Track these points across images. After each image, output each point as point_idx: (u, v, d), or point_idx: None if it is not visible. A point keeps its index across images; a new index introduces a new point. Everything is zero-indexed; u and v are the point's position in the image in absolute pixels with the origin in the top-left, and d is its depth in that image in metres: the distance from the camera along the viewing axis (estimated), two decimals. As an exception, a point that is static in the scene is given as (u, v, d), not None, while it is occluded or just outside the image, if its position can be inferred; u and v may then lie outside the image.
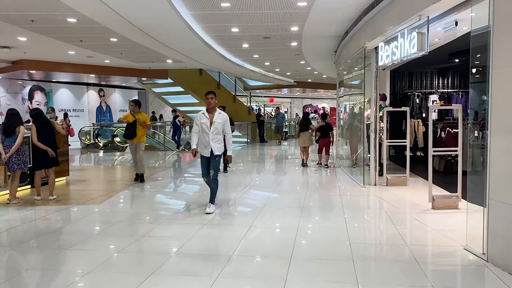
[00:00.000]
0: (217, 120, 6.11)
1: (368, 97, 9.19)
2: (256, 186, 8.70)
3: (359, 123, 11.19)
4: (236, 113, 21.15)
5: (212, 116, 6.14)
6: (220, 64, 15.18)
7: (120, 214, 6.38)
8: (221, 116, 6.20)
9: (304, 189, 8.11)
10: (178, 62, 14.62)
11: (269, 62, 15.47)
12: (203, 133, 6.11)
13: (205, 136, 6.08)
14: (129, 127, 8.76)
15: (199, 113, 6.29)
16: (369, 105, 11.29)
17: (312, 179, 9.39)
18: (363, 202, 7.24)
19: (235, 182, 9.15)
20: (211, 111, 6.21)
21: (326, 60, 14.76)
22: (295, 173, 10.41)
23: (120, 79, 20.96)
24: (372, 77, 8.39)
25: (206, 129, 6.06)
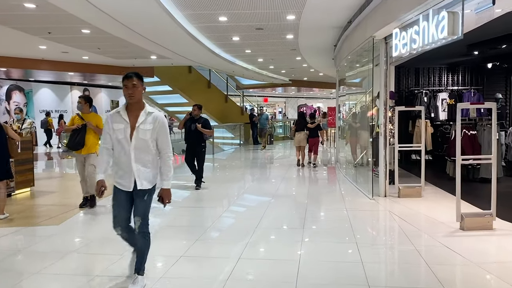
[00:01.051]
0: (145, 127, 3.38)
1: (375, 95, 8.08)
2: (245, 200, 7.54)
3: (363, 124, 10.12)
4: (228, 113, 20.02)
5: (135, 118, 3.38)
6: (210, 61, 14.00)
7: (76, 242, 5.18)
8: (154, 118, 3.43)
9: (304, 202, 6.95)
10: (163, 58, 13.42)
11: (263, 59, 14.32)
12: (119, 148, 3.41)
13: (121, 154, 3.41)
14: (74, 134, 6.49)
15: (110, 113, 3.53)
16: (374, 104, 10.25)
17: (312, 188, 8.24)
18: (375, 220, 6.09)
19: (220, 193, 7.98)
20: (132, 109, 3.41)
21: (324, 56, 13.62)
22: (292, 181, 9.26)
23: (104, 78, 19.71)
24: (381, 72, 7.27)
25: (123, 141, 3.38)
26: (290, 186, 8.75)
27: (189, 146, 8.24)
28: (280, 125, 25.73)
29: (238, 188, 8.55)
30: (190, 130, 8.08)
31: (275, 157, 14.62)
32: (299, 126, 11.43)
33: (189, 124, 8.15)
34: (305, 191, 7.87)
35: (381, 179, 7.28)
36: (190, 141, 8.20)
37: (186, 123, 8.24)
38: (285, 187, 8.51)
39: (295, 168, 11.26)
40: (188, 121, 8.19)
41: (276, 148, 18.62)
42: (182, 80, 18.12)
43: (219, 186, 8.66)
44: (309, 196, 7.44)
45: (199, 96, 18.65)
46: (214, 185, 8.54)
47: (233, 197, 7.63)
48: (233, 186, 8.76)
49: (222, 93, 20.29)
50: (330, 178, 9.89)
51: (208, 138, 8.28)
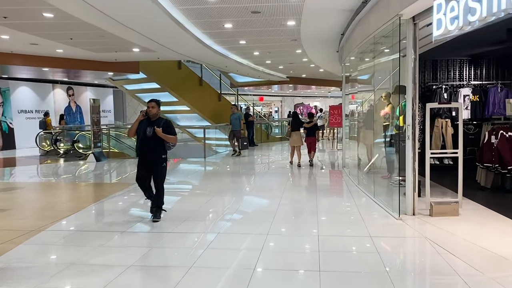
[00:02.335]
0: None
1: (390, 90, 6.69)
2: (240, 221, 6.09)
3: (376, 124, 8.79)
4: (222, 112, 18.54)
5: None
6: (200, 54, 12.54)
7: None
8: None
9: (314, 224, 5.50)
10: (148, 51, 11.95)
11: (259, 52, 12.88)
12: None
13: None
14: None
15: None
16: (387, 101, 8.90)
17: (322, 204, 6.79)
18: (412, 254, 4.65)
19: (204, 211, 6.53)
20: None
21: (328, 48, 12.22)
22: (296, 193, 7.82)
23: (90, 75, 18.20)
24: (408, 62, 5.87)
25: None
26: (294, 198, 7.32)
27: (143, 159, 5.87)
28: (276, 125, 24.30)
29: (230, 204, 7.10)
30: (146, 137, 5.72)
31: (271, 161, 13.17)
32: (294, 126, 11.27)
33: (144, 128, 5.77)
34: (313, 208, 6.43)
35: (409, 192, 5.87)
36: (145, 151, 5.81)
37: (140, 126, 5.83)
38: (288, 200, 7.07)
39: (297, 175, 9.86)
40: (143, 123, 5.81)
41: (271, 150, 17.18)
42: (171, 77, 16.64)
43: (206, 200, 7.20)
44: (319, 214, 6.00)
45: (190, 94, 17.20)
46: (199, 199, 7.10)
47: (222, 220, 6.19)
48: (221, 202, 7.32)
49: (215, 91, 18.84)
50: (340, 188, 8.47)
51: (171, 147, 5.90)
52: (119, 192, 7.96)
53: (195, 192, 8.17)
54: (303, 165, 11.05)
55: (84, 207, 6.78)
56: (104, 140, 14.61)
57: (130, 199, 7.47)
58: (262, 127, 21.04)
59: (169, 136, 5.75)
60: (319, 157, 13.50)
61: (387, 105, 8.94)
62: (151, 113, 5.78)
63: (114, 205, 7.05)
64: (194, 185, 9.18)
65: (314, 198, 7.11)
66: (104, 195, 7.76)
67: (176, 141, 5.89)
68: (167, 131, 5.75)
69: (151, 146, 5.73)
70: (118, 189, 8.33)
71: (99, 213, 6.50)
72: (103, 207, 6.87)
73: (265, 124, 22.22)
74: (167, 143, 5.78)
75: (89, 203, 7.09)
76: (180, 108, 17.77)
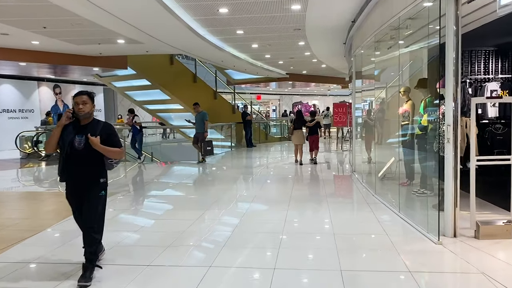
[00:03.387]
0: None
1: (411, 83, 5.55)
2: (238, 249, 4.91)
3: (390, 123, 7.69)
4: (218, 111, 17.37)
5: None
6: (192, 46, 11.35)
7: None
8: None
9: (332, 253, 4.31)
10: (134, 43, 10.74)
11: (258, 44, 11.69)
12: None
13: None
14: None
15: None
16: (406, 97, 7.79)
17: (336, 219, 5.61)
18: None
19: (191, 232, 5.34)
20: None
21: (334, 40, 11.10)
22: (304, 206, 6.63)
23: (77, 72, 16.99)
24: (449, 48, 4.73)
25: None
26: (303, 214, 6.13)
27: (71, 186, 3.83)
28: (274, 124, 23.11)
29: (224, 224, 5.91)
30: (74, 150, 3.67)
31: (272, 164, 11.99)
32: (297, 124, 11.16)
33: (71, 137, 3.68)
34: (328, 228, 5.24)
35: (449, 208, 4.70)
36: (73, 174, 3.76)
37: (64, 134, 3.70)
38: (296, 217, 5.88)
39: (302, 182, 8.70)
40: (68, 130, 3.71)
41: (270, 152, 15.99)
42: (162, 73, 15.42)
43: (195, 216, 6.01)
44: (337, 238, 4.81)
45: (183, 91, 15.99)
46: (187, 216, 5.90)
47: (214, 246, 5.00)
48: (213, 219, 6.13)
49: (211, 89, 17.62)
50: (355, 198, 7.29)
51: (114, 165, 3.90)
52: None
53: (184, 205, 6.97)
54: (308, 168, 9.95)
55: (51, 224, 5.58)
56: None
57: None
58: (260, 126, 19.86)
59: (110, 149, 3.71)
60: (325, 157, 12.36)
61: (406, 102, 7.80)
62: (82, 112, 3.64)
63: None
64: (182, 195, 7.99)
65: (327, 213, 5.92)
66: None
67: (123, 156, 4.06)
68: (109, 140, 3.72)
69: (83, 164, 3.70)
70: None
71: (64, 234, 5.29)
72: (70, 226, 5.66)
73: (264, 123, 21.03)
74: (108, 159, 3.79)
75: (57, 220, 5.87)
76: (173, 106, 16.56)
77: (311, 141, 11.24)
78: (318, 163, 11.13)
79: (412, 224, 5.19)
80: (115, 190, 7.88)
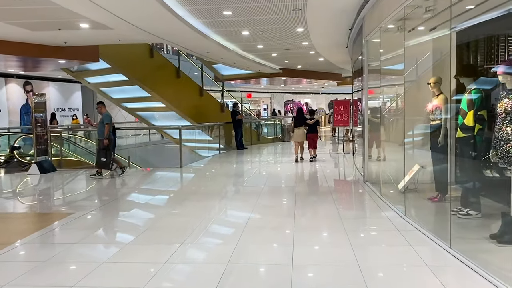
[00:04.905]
0: None
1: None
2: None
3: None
4: (205, 110, 15.69)
5: None
6: (171, 32, 9.60)
7: None
8: None
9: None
10: (102, 28, 8.95)
11: (249, 30, 9.98)
12: None
13: None
14: None
15: None
16: (437, 90, 6.23)
17: (366, 260, 3.94)
18: None
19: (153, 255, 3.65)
20: None
21: (338, 25, 9.47)
22: (316, 231, 4.96)
23: (51, 67, 15.12)
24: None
25: None
26: (315, 244, 4.48)
27: None
28: (266, 124, 21.39)
29: (205, 269, 4.22)
30: None
31: (269, 171, 10.29)
32: (298, 122, 11.35)
33: None
34: (359, 278, 3.58)
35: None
36: None
37: None
38: (307, 256, 4.21)
39: (308, 194, 7.04)
40: None
41: (264, 155, 14.30)
42: (141, 67, 13.63)
43: (160, 255, 4.30)
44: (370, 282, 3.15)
45: (165, 88, 14.23)
46: (153, 252, 4.20)
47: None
48: (194, 257, 4.43)
49: (196, 85, 15.87)
50: (377, 221, 5.63)
51: None
52: (49, 228, 5.05)
53: (148, 238, 5.25)
54: (311, 176, 8.35)
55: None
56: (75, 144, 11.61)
57: (53, 251, 4.51)
58: (252, 126, 18.17)
59: None
60: (327, 161, 10.73)
61: (437, 96, 6.20)
62: None
63: (31, 253, 4.13)
64: (151, 217, 6.27)
65: (349, 251, 4.23)
66: (25, 233, 4.87)
67: None
68: None
69: None
70: (52, 220, 5.47)
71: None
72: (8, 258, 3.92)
73: (255, 123, 19.34)
74: None
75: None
76: (154, 105, 14.78)
77: (310, 139, 11.44)
78: (323, 171, 9.54)
79: (469, 264, 3.55)
80: (68, 210, 6.15)
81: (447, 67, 7.09)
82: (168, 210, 6.39)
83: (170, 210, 6.39)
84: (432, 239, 4.45)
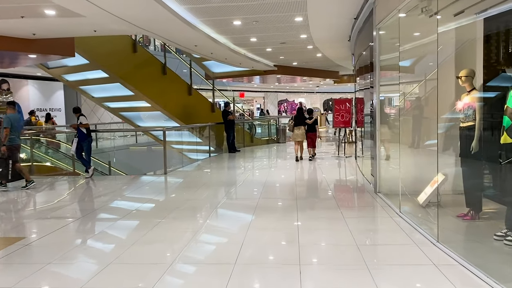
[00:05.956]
0: None
1: None
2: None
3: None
4: (194, 110, 14.55)
5: None
6: (153, 20, 8.42)
7: None
8: None
9: None
10: (71, 15, 7.74)
11: (241, 19, 8.83)
12: None
13: None
14: None
15: None
16: (469, 85, 5.17)
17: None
18: None
19: None
20: None
21: (342, 15, 8.36)
22: (330, 275, 3.84)
23: (28, 64, 13.88)
24: None
25: None
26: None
27: None
28: (259, 124, 20.23)
29: None
30: None
31: (266, 181, 9.13)
32: (297, 121, 11.39)
33: None
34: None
35: None
36: None
37: None
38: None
39: (314, 209, 5.91)
40: None
41: (258, 159, 13.16)
42: (123, 63, 12.41)
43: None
44: None
45: (150, 86, 13.04)
46: None
47: None
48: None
49: (185, 83, 14.68)
50: (408, 253, 4.49)
51: None
52: None
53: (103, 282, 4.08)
54: (315, 185, 7.24)
55: None
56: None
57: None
58: (244, 127, 17.02)
59: None
60: (329, 165, 9.63)
61: (469, 92, 5.12)
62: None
63: None
64: (107, 253, 5.09)
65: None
66: None
67: None
68: None
69: None
70: None
71: None
72: None
73: (249, 123, 18.18)
74: None
75: None
76: (138, 104, 13.58)
77: (309, 138, 11.48)
78: (326, 180, 8.44)
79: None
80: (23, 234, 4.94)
81: (469, 58, 6.04)
82: (134, 237, 5.06)
83: (136, 236, 5.05)
84: (486, 280, 3.33)
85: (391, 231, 4.90)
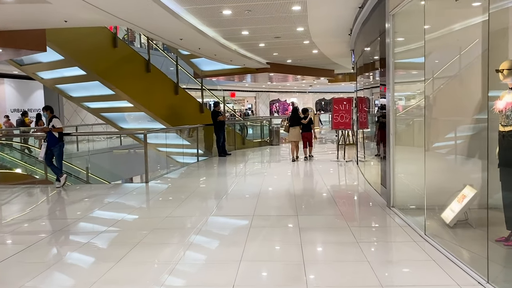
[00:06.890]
0: None
1: None
2: None
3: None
4: (181, 110, 13.51)
5: None
6: (130, 7, 7.36)
7: None
8: None
9: None
10: (35, 1, 6.65)
11: (232, 9, 7.81)
12: None
13: None
14: None
15: None
16: (511, 80, 4.08)
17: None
18: None
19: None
20: None
21: (345, 3, 7.38)
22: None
23: (4, 63, 12.73)
24: None
25: None
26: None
27: None
28: (251, 124, 19.20)
29: None
30: None
31: (261, 191, 8.09)
32: (293, 121, 11.31)
33: None
34: None
35: None
36: None
37: None
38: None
39: (319, 234, 4.91)
40: None
41: (250, 164, 12.15)
42: (102, 59, 11.29)
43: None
44: None
45: (132, 83, 11.97)
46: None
47: None
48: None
49: (171, 81, 13.60)
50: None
51: None
52: None
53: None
54: (319, 196, 6.26)
55: None
56: None
57: None
58: (235, 128, 15.99)
59: None
60: (330, 171, 8.67)
61: (511, 89, 4.16)
62: None
63: None
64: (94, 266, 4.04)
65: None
66: None
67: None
68: None
69: None
70: None
71: None
72: None
73: (240, 124, 17.15)
74: None
75: None
76: (120, 104, 12.48)
77: (305, 138, 11.42)
78: (328, 190, 7.47)
79: None
80: None
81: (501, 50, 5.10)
82: (91, 277, 4.02)
83: (96, 274, 4.02)
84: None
85: (422, 265, 3.90)
